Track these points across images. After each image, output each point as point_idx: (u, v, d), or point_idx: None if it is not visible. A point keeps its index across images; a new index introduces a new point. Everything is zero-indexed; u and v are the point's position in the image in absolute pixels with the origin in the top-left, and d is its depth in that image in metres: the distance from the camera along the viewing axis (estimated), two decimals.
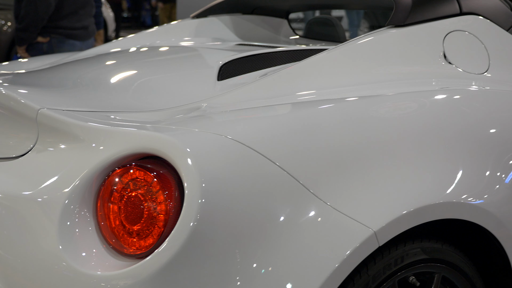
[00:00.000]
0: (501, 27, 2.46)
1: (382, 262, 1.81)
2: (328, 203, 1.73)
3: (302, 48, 2.69)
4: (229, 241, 1.63)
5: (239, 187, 1.67)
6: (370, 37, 2.28)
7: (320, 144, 1.83)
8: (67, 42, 4.54)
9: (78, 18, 4.56)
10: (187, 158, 1.62)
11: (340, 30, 3.42)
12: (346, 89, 2.12)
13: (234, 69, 2.29)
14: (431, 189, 1.90)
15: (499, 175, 2.04)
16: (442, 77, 2.27)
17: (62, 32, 4.52)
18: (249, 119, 1.90)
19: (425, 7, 2.36)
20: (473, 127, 2.10)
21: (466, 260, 2.03)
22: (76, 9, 4.54)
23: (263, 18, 3.41)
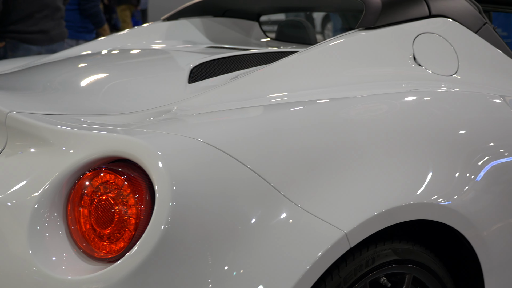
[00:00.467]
0: (470, 29, 2.48)
1: (353, 263, 1.82)
2: (299, 205, 1.74)
3: (273, 51, 2.70)
4: (201, 243, 1.63)
5: (210, 190, 1.67)
6: (341, 39, 2.29)
7: (292, 146, 1.84)
8: (21, 47, 4.43)
9: (34, 21, 4.44)
10: (158, 161, 1.62)
11: (311, 33, 3.43)
12: (317, 91, 2.13)
13: (205, 71, 2.28)
14: (401, 191, 1.91)
15: (468, 176, 2.06)
16: (412, 79, 2.28)
17: (16, 36, 4.40)
18: (220, 122, 1.90)
19: (394, 10, 2.38)
20: (442, 128, 2.12)
21: (436, 261, 2.04)
22: (32, 13, 4.42)
23: (234, 20, 3.41)
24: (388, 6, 2.37)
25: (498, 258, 2.11)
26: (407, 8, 2.40)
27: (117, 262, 1.59)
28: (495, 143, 2.20)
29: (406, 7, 2.40)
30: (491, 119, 2.27)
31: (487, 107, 2.29)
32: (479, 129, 2.20)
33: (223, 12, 3.38)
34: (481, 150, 2.14)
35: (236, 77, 2.18)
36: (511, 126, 2.27)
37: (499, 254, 2.11)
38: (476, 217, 2.03)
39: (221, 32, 3.33)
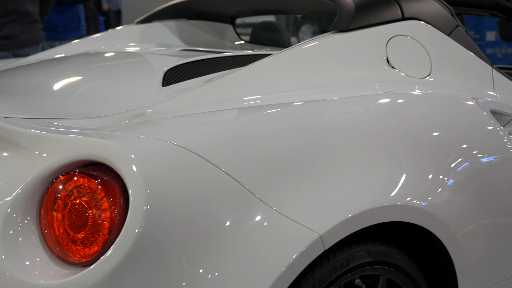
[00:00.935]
0: (443, 32, 2.49)
1: (328, 265, 1.82)
2: (274, 208, 1.74)
3: (247, 53, 2.70)
4: (175, 247, 1.63)
5: (185, 193, 1.66)
6: (314, 42, 2.30)
7: (266, 149, 1.84)
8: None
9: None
10: (132, 165, 1.61)
11: (285, 35, 3.44)
12: (291, 93, 2.13)
13: (179, 74, 2.28)
14: (376, 192, 1.92)
15: (442, 178, 2.07)
16: (385, 81, 2.29)
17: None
18: (194, 125, 1.90)
19: (368, 13, 2.39)
20: (416, 130, 2.13)
21: (411, 262, 2.05)
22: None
23: (209, 23, 3.41)
24: (362, 9, 2.38)
25: (471, 259, 2.12)
26: (380, 11, 2.41)
27: (91, 266, 1.58)
28: (468, 145, 2.21)
29: (379, 10, 2.42)
30: (464, 121, 2.29)
31: (460, 109, 2.31)
32: (452, 131, 2.22)
33: (197, 14, 3.38)
34: (454, 152, 2.16)
35: (210, 80, 2.18)
36: (483, 128, 2.29)
37: (472, 255, 2.13)
38: (449, 219, 2.04)
39: (195, 35, 3.32)
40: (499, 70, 2.57)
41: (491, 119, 2.31)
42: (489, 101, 2.42)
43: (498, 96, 2.49)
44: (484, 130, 2.29)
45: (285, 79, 2.18)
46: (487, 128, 2.30)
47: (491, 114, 2.35)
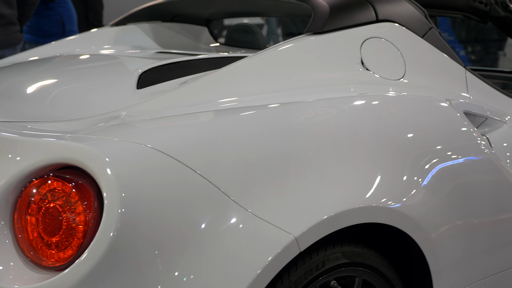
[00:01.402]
0: (416, 34, 2.51)
1: (303, 267, 1.83)
2: (249, 210, 1.74)
3: (222, 56, 2.69)
4: (150, 250, 1.62)
5: (160, 196, 1.66)
6: (289, 44, 2.30)
7: (242, 151, 1.84)
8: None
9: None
10: (106, 168, 1.61)
11: (260, 38, 3.44)
12: (266, 96, 2.13)
13: (153, 77, 2.27)
14: (351, 194, 1.92)
15: (416, 179, 2.08)
16: (360, 83, 2.30)
17: None
18: (169, 128, 1.89)
19: (342, 15, 2.39)
20: (391, 132, 2.14)
21: (386, 263, 2.06)
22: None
23: (183, 25, 3.40)
24: (336, 11, 2.39)
25: (446, 259, 2.14)
26: (355, 13, 2.42)
27: (65, 270, 1.57)
28: (442, 146, 2.23)
29: (354, 12, 2.42)
30: (438, 122, 2.30)
31: (434, 110, 2.32)
32: (427, 132, 2.23)
33: (172, 17, 3.37)
34: (428, 153, 2.17)
35: (185, 82, 2.17)
36: (457, 129, 2.31)
37: (447, 256, 2.14)
38: (424, 220, 2.05)
39: (170, 37, 3.32)
40: (472, 72, 2.59)
41: (465, 121, 2.33)
42: (462, 102, 2.43)
43: (472, 97, 2.51)
44: (458, 131, 2.31)
45: (260, 81, 2.19)
46: (461, 129, 2.31)
47: (465, 115, 2.37)
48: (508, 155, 2.47)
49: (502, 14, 2.95)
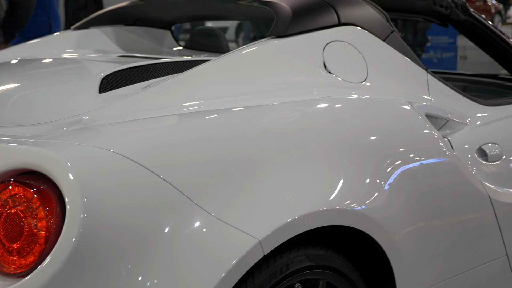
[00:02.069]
0: (378, 37, 2.52)
1: (267, 270, 1.83)
2: (213, 214, 1.74)
3: (185, 59, 2.69)
4: (114, 255, 1.61)
5: (123, 201, 1.65)
6: (252, 47, 2.30)
7: (205, 155, 1.84)
8: None
9: None
10: (68, 173, 1.60)
11: (223, 41, 3.43)
12: (230, 99, 2.13)
13: (116, 81, 2.26)
14: (314, 197, 1.93)
15: (379, 181, 2.10)
16: (323, 86, 2.31)
17: None
18: (132, 132, 1.89)
19: (304, 18, 2.40)
20: (354, 135, 2.15)
21: (350, 265, 2.07)
22: None
23: (146, 29, 3.38)
24: (298, 15, 2.40)
25: (409, 261, 2.15)
26: (317, 17, 2.43)
27: (27, 277, 1.56)
28: (404, 148, 2.25)
29: (316, 15, 2.43)
30: (400, 125, 2.32)
31: (396, 113, 2.34)
32: (389, 135, 2.25)
33: (135, 21, 3.35)
34: (391, 155, 2.19)
35: (148, 86, 2.16)
36: (419, 132, 2.33)
37: (409, 257, 2.16)
38: (387, 222, 2.07)
39: (133, 41, 3.30)
40: (433, 75, 2.62)
41: (426, 123, 2.35)
42: (424, 105, 2.46)
43: (433, 100, 2.53)
44: (419, 133, 2.33)
45: (224, 84, 2.18)
46: (423, 131, 2.33)
47: (426, 118, 2.39)
48: (469, 157, 2.51)
49: (463, 17, 2.99)
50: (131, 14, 3.32)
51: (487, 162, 2.55)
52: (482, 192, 2.43)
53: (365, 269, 2.18)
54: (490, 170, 2.55)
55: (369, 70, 2.44)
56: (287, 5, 2.44)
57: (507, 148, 2.64)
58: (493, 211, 2.47)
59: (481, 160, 2.53)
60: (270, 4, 2.52)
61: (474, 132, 2.58)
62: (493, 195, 2.47)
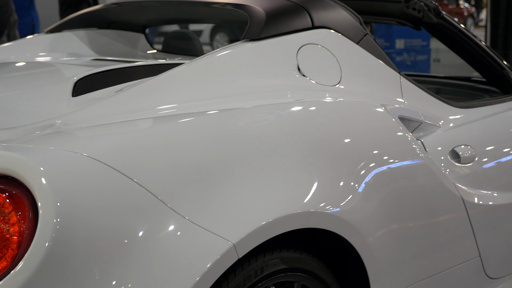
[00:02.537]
0: (352, 40, 2.53)
1: (242, 274, 1.83)
2: (187, 217, 1.74)
3: (159, 63, 2.68)
4: (87, 259, 1.61)
5: (96, 205, 1.64)
6: (226, 51, 2.30)
7: (179, 159, 1.83)
8: None
9: None
10: (41, 178, 1.59)
11: (197, 44, 3.43)
12: (205, 102, 2.13)
13: (89, 84, 2.24)
14: (289, 200, 1.93)
15: (353, 184, 2.10)
16: (297, 89, 2.31)
17: None
18: (105, 135, 1.88)
19: (278, 21, 2.41)
20: (328, 137, 2.16)
21: (324, 268, 2.08)
22: None
23: (120, 32, 3.37)
24: (272, 18, 2.40)
25: (383, 263, 2.16)
26: (291, 20, 2.44)
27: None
28: (378, 151, 2.26)
29: (290, 18, 2.44)
30: (374, 127, 2.33)
31: (369, 116, 2.35)
32: (363, 137, 2.26)
33: (108, 24, 3.34)
34: (365, 158, 2.20)
35: (122, 89, 2.15)
36: (393, 134, 2.34)
37: (384, 259, 2.17)
38: (361, 224, 2.08)
39: (106, 44, 3.28)
40: (406, 77, 2.63)
41: (400, 126, 2.36)
42: (397, 107, 2.47)
43: (406, 102, 2.55)
44: (393, 136, 2.34)
45: (198, 87, 2.18)
46: (396, 134, 2.35)
47: (400, 120, 2.40)
48: (442, 159, 2.52)
49: (435, 20, 3.01)
50: (104, 17, 3.31)
51: (460, 164, 2.57)
52: (455, 194, 2.45)
53: (339, 271, 2.18)
54: (463, 172, 2.57)
55: (342, 73, 2.44)
56: (261, 8, 2.45)
57: (480, 150, 2.67)
58: (466, 212, 2.49)
59: (454, 162, 2.55)
60: (244, 7, 2.53)
61: (447, 134, 2.60)
62: (466, 197, 2.50)
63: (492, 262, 2.68)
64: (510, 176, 2.82)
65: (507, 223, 2.75)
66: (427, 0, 3.04)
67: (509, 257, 2.82)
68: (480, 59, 3.18)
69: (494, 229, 2.67)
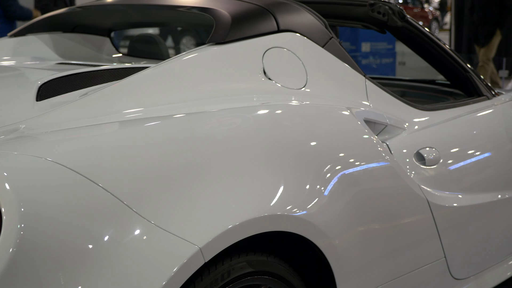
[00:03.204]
0: (317, 43, 2.54)
1: (209, 278, 1.82)
2: (153, 222, 1.73)
3: (125, 66, 2.66)
4: (52, 265, 1.59)
5: (61, 210, 1.63)
6: (192, 54, 2.30)
7: (146, 163, 1.83)
8: None
9: None
10: (4, 183, 1.57)
11: (163, 48, 3.42)
12: (171, 106, 2.12)
13: (54, 88, 2.22)
14: (255, 203, 1.94)
15: (319, 187, 2.11)
16: (263, 92, 2.32)
17: None
18: (70, 140, 1.86)
19: (244, 25, 2.41)
20: (294, 141, 2.16)
21: (291, 271, 2.08)
22: None
23: (85, 36, 3.35)
24: (238, 22, 2.40)
25: (349, 265, 2.17)
26: (256, 23, 2.44)
27: None
28: (344, 153, 2.27)
29: (255, 22, 2.44)
30: (340, 130, 2.34)
31: (335, 119, 2.36)
32: (329, 140, 2.27)
33: (73, 27, 3.32)
34: (331, 161, 2.21)
35: (87, 93, 2.14)
36: (358, 137, 2.35)
37: (350, 261, 2.18)
38: (327, 227, 2.08)
39: (71, 48, 3.26)
40: (372, 80, 2.65)
41: (365, 128, 2.38)
42: (363, 110, 2.48)
43: (371, 105, 2.56)
44: (359, 139, 2.35)
45: (164, 91, 2.17)
46: (362, 137, 2.36)
47: (365, 123, 2.42)
48: (408, 161, 2.54)
49: (400, 24, 3.03)
50: (69, 20, 3.29)
51: (424, 166, 2.59)
52: (420, 196, 2.47)
53: (306, 274, 2.19)
54: (428, 174, 2.59)
55: (308, 76, 2.45)
56: (227, 12, 2.45)
57: (444, 152, 2.69)
58: (431, 214, 2.51)
59: (419, 164, 2.57)
60: (209, 11, 2.52)
61: (412, 137, 2.62)
62: (431, 199, 2.52)
63: (457, 263, 2.71)
64: (474, 178, 2.85)
65: (472, 224, 2.78)
66: (391, 4, 3.06)
67: (473, 258, 2.85)
68: (445, 62, 3.21)
69: (459, 230, 2.69)
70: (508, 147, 3.08)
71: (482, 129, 3.02)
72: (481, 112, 3.06)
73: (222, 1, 2.58)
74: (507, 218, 3.04)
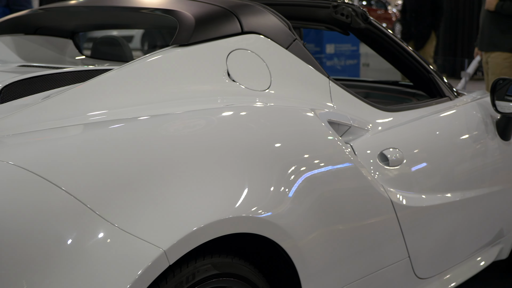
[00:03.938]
0: (281, 45, 2.55)
1: (173, 280, 1.82)
2: (116, 225, 1.72)
3: (88, 69, 2.65)
4: (14, 270, 1.58)
5: (23, 214, 1.61)
6: (155, 56, 2.29)
7: (109, 165, 1.82)
8: None
9: None
10: None
11: (127, 50, 3.40)
12: (135, 108, 2.11)
13: (16, 91, 2.20)
14: (220, 205, 1.93)
15: (284, 188, 2.12)
16: (227, 94, 2.32)
17: None
18: (32, 143, 1.84)
19: (207, 27, 2.41)
20: (258, 142, 2.16)
21: (256, 273, 2.08)
22: None
23: (47, 38, 3.32)
24: (201, 23, 2.40)
25: (314, 266, 2.18)
26: (220, 25, 2.44)
27: None
28: (308, 155, 2.27)
29: (219, 24, 2.44)
30: (304, 132, 2.35)
31: (299, 120, 2.37)
32: (293, 142, 2.27)
33: (35, 29, 3.28)
34: (295, 162, 2.21)
35: (49, 96, 2.12)
36: (322, 138, 2.36)
37: (315, 262, 2.18)
38: (292, 228, 2.09)
39: (33, 50, 3.22)
40: (335, 82, 2.66)
41: (329, 130, 2.39)
42: (327, 112, 2.49)
43: (335, 106, 2.58)
44: (322, 140, 2.36)
45: (128, 93, 2.16)
46: (326, 138, 2.37)
47: (329, 124, 2.43)
48: (371, 162, 2.56)
49: (363, 26, 3.05)
50: (31, 22, 3.25)
51: (388, 167, 2.61)
52: (384, 196, 2.49)
53: (272, 275, 2.19)
54: (391, 175, 2.61)
55: (272, 78, 2.46)
56: (190, 13, 2.44)
57: (407, 153, 2.71)
58: (395, 214, 2.53)
59: (382, 165, 2.59)
60: (173, 12, 2.52)
61: (375, 138, 2.64)
62: (395, 199, 2.54)
63: (421, 262, 2.73)
64: (437, 178, 2.88)
65: (435, 224, 2.81)
66: (355, 6, 3.08)
67: (437, 257, 2.88)
68: (407, 64, 3.24)
69: (423, 230, 2.72)
70: (470, 148, 3.11)
71: (445, 129, 3.05)
72: (443, 112, 3.10)
73: (185, 3, 2.57)
74: (470, 217, 3.08)
